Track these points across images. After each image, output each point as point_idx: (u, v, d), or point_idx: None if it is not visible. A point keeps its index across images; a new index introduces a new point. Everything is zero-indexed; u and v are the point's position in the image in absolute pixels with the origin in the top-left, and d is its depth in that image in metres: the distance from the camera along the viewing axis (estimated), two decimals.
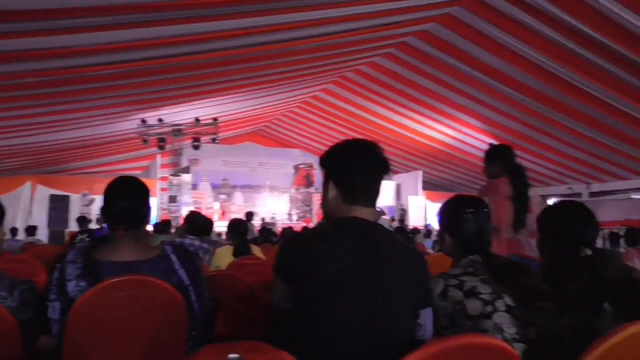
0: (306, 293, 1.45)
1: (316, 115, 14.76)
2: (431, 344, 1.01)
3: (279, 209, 18.15)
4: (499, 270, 1.65)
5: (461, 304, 1.58)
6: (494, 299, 1.57)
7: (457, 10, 7.86)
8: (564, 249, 1.72)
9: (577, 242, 1.68)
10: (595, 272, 1.60)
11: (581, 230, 1.74)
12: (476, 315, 1.55)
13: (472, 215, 1.83)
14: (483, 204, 1.88)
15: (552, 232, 1.82)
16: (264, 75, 10.11)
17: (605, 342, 1.13)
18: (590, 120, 9.96)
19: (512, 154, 3.61)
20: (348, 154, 1.64)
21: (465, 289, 1.61)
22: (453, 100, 11.00)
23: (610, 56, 7.54)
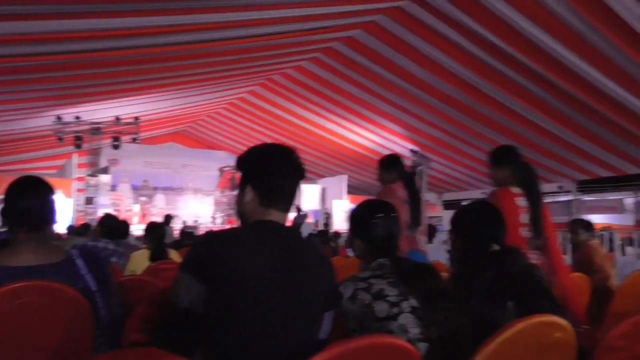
0: (221, 294, 1.42)
1: (242, 117, 14.64)
2: (335, 346, 1.03)
3: (203, 212, 17.78)
4: (406, 273, 1.71)
5: (369, 307, 1.62)
6: (400, 300, 1.62)
7: (382, 19, 8.09)
8: (474, 247, 1.83)
9: (486, 239, 1.80)
10: (502, 267, 1.72)
11: (489, 229, 1.87)
12: (383, 317, 1.60)
13: (381, 220, 1.88)
14: (392, 209, 1.95)
15: (462, 232, 1.94)
16: (188, 75, 9.90)
17: (497, 338, 1.21)
18: (503, 129, 10.56)
19: (402, 162, 3.93)
20: (267, 157, 1.64)
21: (373, 291, 1.65)
22: (377, 107, 11.29)
23: (523, 70, 8.06)
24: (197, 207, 17.81)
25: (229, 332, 1.43)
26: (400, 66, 9.20)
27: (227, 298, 1.42)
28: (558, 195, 13.69)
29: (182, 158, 17.98)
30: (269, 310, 1.43)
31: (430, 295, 1.63)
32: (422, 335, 1.57)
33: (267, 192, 1.57)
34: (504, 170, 3.19)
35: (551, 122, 9.66)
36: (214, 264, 1.43)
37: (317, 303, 1.54)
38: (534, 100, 8.98)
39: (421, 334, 1.58)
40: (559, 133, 10.07)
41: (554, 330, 1.36)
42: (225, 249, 1.46)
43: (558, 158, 11.48)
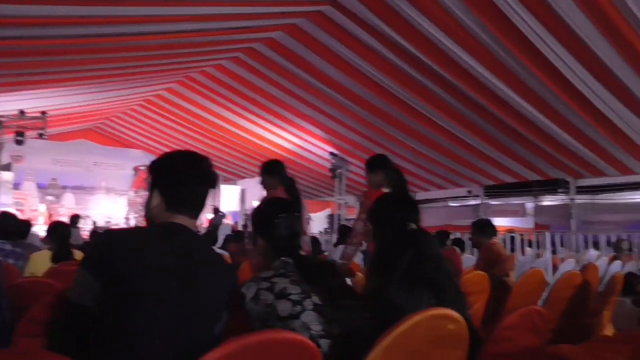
0: (115, 292, 1.40)
1: (159, 115, 14.20)
2: (231, 342, 1.02)
3: (116, 212, 17.04)
4: (309, 271, 1.74)
5: (272, 306, 1.63)
6: (303, 298, 1.65)
7: (304, 23, 8.16)
8: (391, 231, 1.89)
9: (401, 221, 1.87)
10: (418, 248, 1.78)
11: (404, 214, 1.95)
12: (286, 316, 1.62)
13: (284, 219, 1.90)
14: (295, 208, 1.99)
15: (380, 220, 2.01)
16: (102, 69, 9.47)
17: (393, 331, 1.26)
18: (418, 135, 11.00)
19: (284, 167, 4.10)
20: (176, 164, 1.66)
21: (276, 291, 1.66)
22: (297, 109, 11.36)
23: (437, 79, 8.45)
24: (109, 208, 17.05)
25: (121, 330, 1.40)
26: (320, 69, 9.32)
27: (120, 295, 1.40)
28: (467, 199, 14.44)
29: (94, 156, 17.17)
30: (161, 309, 1.42)
31: (333, 293, 1.67)
32: (324, 332, 1.61)
33: (173, 198, 1.59)
34: (377, 175, 3.65)
35: (462, 130, 10.19)
36: (109, 261, 1.42)
37: (216, 303, 1.57)
38: (447, 109, 9.44)
39: (323, 330, 1.61)
40: (469, 140, 10.63)
41: (448, 323, 1.44)
42: (121, 247, 1.45)
43: (467, 164, 12.12)
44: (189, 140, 15.44)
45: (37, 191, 15.61)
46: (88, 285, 1.40)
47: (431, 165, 12.69)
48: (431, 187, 14.66)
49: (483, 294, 3.43)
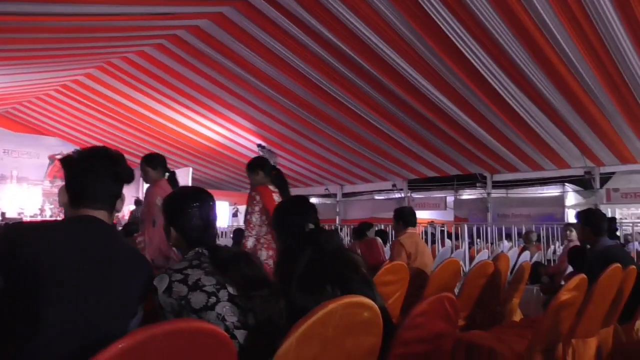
0: (22, 287, 1.36)
1: (77, 102, 13.48)
2: (138, 332, 1.00)
3: (29, 203, 16.06)
4: (223, 261, 1.73)
5: (186, 299, 1.60)
6: (217, 289, 1.63)
7: (229, 11, 8.00)
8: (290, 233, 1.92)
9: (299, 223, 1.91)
10: (318, 245, 1.81)
11: (301, 217, 1.98)
12: (200, 307, 1.59)
13: (197, 210, 1.87)
14: (208, 198, 1.95)
15: (280, 226, 2.04)
16: (15, 50, 8.85)
17: (308, 319, 1.27)
18: (344, 129, 11.15)
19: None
20: (82, 160, 1.66)
21: (189, 282, 1.63)
22: (223, 99, 11.17)
23: (363, 74, 8.61)
24: (21, 198, 16.03)
25: (26, 324, 1.36)
26: (246, 60, 9.21)
27: (24, 290, 1.37)
28: (392, 192, 14.84)
29: (4, 143, 16.07)
30: (67, 301, 1.40)
31: (247, 283, 1.67)
32: (239, 323, 1.60)
33: (75, 192, 1.62)
34: (258, 174, 4.14)
35: (388, 125, 10.45)
36: (10, 255, 1.39)
37: (129, 296, 1.56)
38: (373, 104, 9.65)
39: (239, 321, 1.60)
40: (394, 135, 10.93)
41: (362, 310, 1.47)
42: (24, 240, 1.42)
43: (392, 158, 12.45)
44: (109, 129, 14.79)
45: None
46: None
47: (357, 158, 12.93)
48: (357, 180, 14.95)
49: (402, 283, 3.53)
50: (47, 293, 1.37)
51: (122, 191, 1.70)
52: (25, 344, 1.34)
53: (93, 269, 1.46)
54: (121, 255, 1.59)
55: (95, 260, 1.48)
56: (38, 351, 1.34)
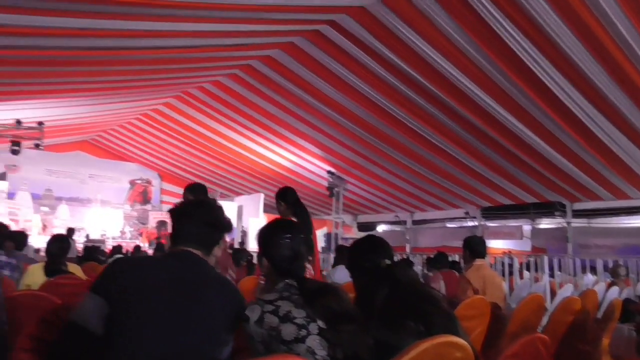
0: (121, 312, 1.51)
1: (156, 130, 14.18)
2: None
3: (111, 225, 16.93)
4: (311, 294, 1.72)
5: (276, 330, 1.61)
6: (308, 322, 1.62)
7: (300, 41, 8.20)
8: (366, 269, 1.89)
9: (374, 261, 1.87)
10: (394, 280, 1.78)
11: (376, 254, 1.95)
12: (291, 340, 1.59)
13: (288, 241, 1.90)
14: (300, 230, 1.97)
15: (356, 266, 2.01)
16: (99, 82, 9.48)
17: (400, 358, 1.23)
18: (415, 155, 11.01)
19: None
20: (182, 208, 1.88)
21: (280, 314, 1.64)
22: (294, 126, 11.37)
23: (433, 100, 8.49)
24: (104, 220, 16.93)
25: (120, 349, 1.48)
26: (316, 87, 9.35)
27: (121, 315, 1.50)
28: (464, 221, 14.41)
29: (89, 168, 17.11)
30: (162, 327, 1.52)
31: (334, 316, 1.65)
32: (328, 357, 1.57)
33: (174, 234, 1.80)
34: (281, 205, 4.12)
35: (460, 151, 10.21)
36: (113, 285, 1.55)
37: (219, 325, 1.64)
38: (444, 130, 9.47)
39: (328, 355, 1.58)
40: (466, 162, 10.65)
41: (455, 350, 1.41)
42: (123, 270, 1.60)
43: (465, 185, 12.13)
44: (186, 156, 15.42)
45: (31, 201, 15.50)
46: (94, 308, 1.52)
47: (428, 185, 12.70)
48: (428, 207, 14.65)
49: (483, 318, 3.38)
50: (135, 317, 1.49)
51: (220, 239, 1.84)
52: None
53: (183, 297, 1.57)
54: (211, 286, 1.69)
55: (185, 289, 1.59)
56: None
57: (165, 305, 1.54)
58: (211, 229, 1.80)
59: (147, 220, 17.62)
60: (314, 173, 13.76)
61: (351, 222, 17.07)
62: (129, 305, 1.51)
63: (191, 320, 1.56)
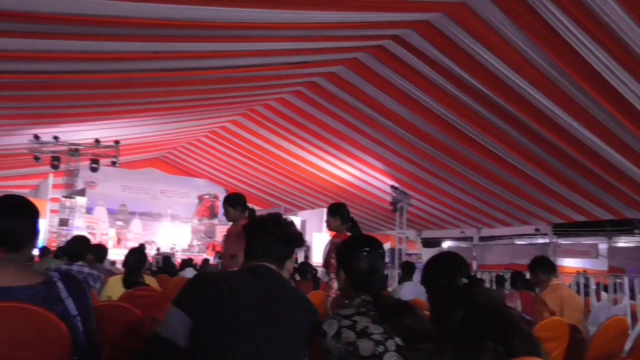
0: (206, 327, 1.55)
1: (224, 147, 14.62)
2: None
3: (180, 239, 17.55)
4: (388, 310, 1.72)
5: (354, 345, 1.61)
6: (385, 339, 1.62)
7: (364, 57, 8.25)
8: (443, 288, 1.85)
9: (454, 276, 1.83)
10: (471, 299, 1.73)
11: (453, 272, 1.90)
12: (368, 355, 1.59)
13: (366, 255, 1.91)
14: (378, 245, 1.99)
15: (430, 280, 1.98)
16: (171, 102, 9.91)
17: None
18: (482, 170, 10.73)
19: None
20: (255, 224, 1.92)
21: (357, 329, 1.64)
22: (357, 141, 11.40)
23: (501, 113, 8.28)
24: (174, 234, 17.57)
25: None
26: (381, 103, 9.35)
27: (207, 329, 1.55)
28: (534, 238, 13.87)
29: (160, 184, 17.84)
30: (246, 342, 1.55)
31: (412, 334, 1.63)
32: None
33: (249, 250, 1.85)
34: (336, 219, 4.19)
35: (529, 166, 9.87)
36: (197, 299, 1.60)
37: (298, 338, 1.67)
38: (513, 144, 9.19)
39: None
40: (536, 176, 10.27)
41: None
42: (206, 285, 1.65)
43: (535, 201, 11.68)
44: (252, 171, 15.77)
45: (107, 216, 16.33)
46: (179, 322, 1.57)
47: (496, 201, 12.33)
48: (496, 223, 14.21)
49: (561, 341, 3.22)
50: (225, 333, 1.54)
51: (292, 253, 1.88)
52: None
53: (265, 312, 1.61)
54: (290, 300, 1.73)
55: (266, 304, 1.63)
56: None
57: (249, 319, 1.57)
58: (284, 244, 1.83)
59: (214, 235, 18.10)
60: (378, 188, 13.69)
61: (415, 237, 16.82)
62: (213, 320, 1.55)
63: (274, 335, 1.59)
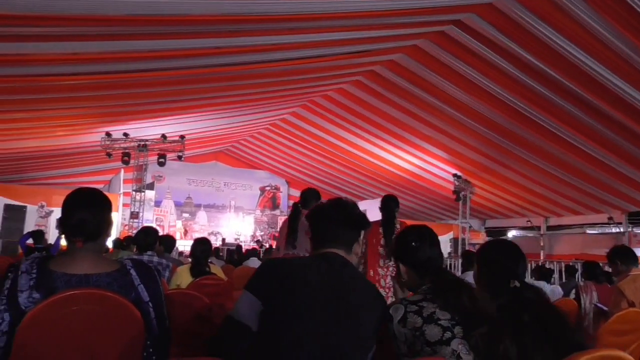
0: (276, 312, 1.57)
1: (284, 138, 14.80)
2: None
3: (244, 230, 18.01)
4: (444, 285, 1.70)
5: (420, 330, 1.60)
6: (453, 325, 1.60)
7: (424, 43, 8.08)
8: (496, 281, 1.80)
9: (508, 274, 1.77)
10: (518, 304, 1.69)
11: (512, 265, 1.84)
12: (435, 341, 1.58)
13: (419, 243, 1.92)
14: (428, 232, 1.98)
15: (487, 265, 1.92)
16: (232, 96, 10.12)
17: None
18: (549, 156, 10.31)
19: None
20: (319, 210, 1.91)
21: (424, 315, 1.64)
22: (418, 130, 11.22)
23: (570, 96, 7.89)
24: (238, 225, 18.05)
25: (276, 346, 1.54)
26: (442, 90, 9.15)
27: (277, 314, 1.57)
28: (607, 227, 13.21)
29: (224, 176, 18.30)
30: (316, 327, 1.56)
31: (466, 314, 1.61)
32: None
33: (315, 237, 1.84)
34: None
35: (601, 151, 9.39)
36: (273, 283, 1.62)
37: (367, 328, 1.65)
38: (583, 129, 8.76)
39: None
40: (609, 162, 9.76)
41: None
42: (285, 270, 1.66)
43: (607, 188, 11.11)
44: (312, 162, 15.88)
45: (174, 208, 16.95)
46: (250, 305, 1.60)
47: (565, 188, 11.82)
48: (565, 212, 13.65)
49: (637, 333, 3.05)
50: (294, 318, 1.55)
51: (358, 236, 1.84)
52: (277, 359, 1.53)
53: (335, 298, 1.60)
54: (359, 288, 1.70)
55: (336, 290, 1.62)
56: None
57: (318, 305, 1.57)
58: (350, 228, 1.82)
59: (276, 225, 18.43)
60: (439, 177, 13.46)
61: (479, 227, 16.43)
62: (282, 304, 1.56)
63: (343, 322, 1.58)
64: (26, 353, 1.49)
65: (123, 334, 1.58)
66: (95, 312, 1.54)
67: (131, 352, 1.61)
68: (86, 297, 1.54)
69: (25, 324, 1.48)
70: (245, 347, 1.59)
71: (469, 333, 1.59)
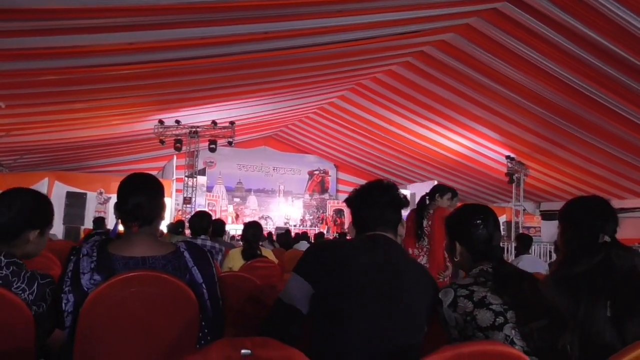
0: (328, 295, 1.57)
1: (332, 122, 14.79)
2: (446, 349, 1.00)
3: (293, 214, 18.21)
4: (506, 278, 1.64)
5: (471, 315, 1.56)
6: (505, 310, 1.55)
7: (476, 21, 7.83)
8: (583, 236, 1.74)
9: (597, 229, 1.71)
10: (608, 258, 1.65)
11: (601, 222, 1.76)
12: (487, 326, 1.53)
13: (481, 223, 1.82)
14: (492, 213, 1.89)
15: (572, 223, 1.85)
16: (281, 81, 10.16)
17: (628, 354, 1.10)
18: (610, 136, 9.85)
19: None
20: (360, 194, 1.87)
21: (475, 299, 1.59)
22: (469, 111, 10.95)
23: (633, 72, 7.47)
24: (287, 209, 18.26)
25: (329, 329, 1.54)
26: (495, 69, 8.86)
27: (331, 297, 1.57)
28: None
29: (273, 161, 18.51)
30: (369, 311, 1.54)
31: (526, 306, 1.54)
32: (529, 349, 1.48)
33: (360, 221, 1.82)
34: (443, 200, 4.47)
35: None
36: (324, 266, 1.61)
37: (420, 311, 1.64)
38: None
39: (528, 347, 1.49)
40: None
41: None
42: (335, 253, 1.65)
43: None
44: (360, 146, 15.82)
45: (226, 194, 17.30)
46: (299, 288, 1.61)
47: (628, 170, 11.28)
48: (628, 194, 13.03)
49: None
50: (344, 300, 1.54)
51: (401, 217, 1.83)
52: (330, 342, 1.53)
53: (388, 281, 1.59)
54: (410, 270, 1.69)
55: (389, 273, 1.61)
56: (340, 349, 1.51)
57: (369, 287, 1.56)
58: (393, 209, 1.80)
59: (325, 209, 18.53)
60: (492, 159, 13.13)
61: (533, 210, 15.96)
62: (332, 287, 1.56)
63: (394, 304, 1.57)
64: (88, 332, 1.56)
65: (179, 315, 1.63)
66: (152, 293, 1.59)
67: (187, 332, 1.65)
68: (143, 279, 1.59)
69: (88, 304, 1.54)
70: (296, 329, 1.60)
71: (524, 322, 1.53)
